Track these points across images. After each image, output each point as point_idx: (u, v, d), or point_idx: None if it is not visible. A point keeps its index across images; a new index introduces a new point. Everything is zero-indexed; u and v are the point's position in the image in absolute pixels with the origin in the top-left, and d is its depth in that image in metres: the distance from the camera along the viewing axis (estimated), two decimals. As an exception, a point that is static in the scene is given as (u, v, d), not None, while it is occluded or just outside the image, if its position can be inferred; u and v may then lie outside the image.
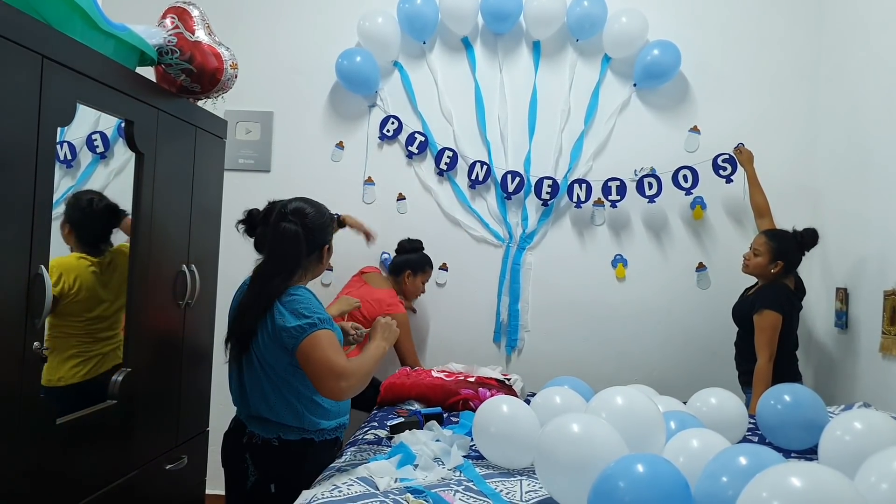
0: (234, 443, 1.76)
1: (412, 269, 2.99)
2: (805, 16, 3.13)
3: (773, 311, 2.49)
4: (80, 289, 1.75)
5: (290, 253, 1.72)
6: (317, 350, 1.61)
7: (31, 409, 1.46)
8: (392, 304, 2.84)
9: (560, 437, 1.44)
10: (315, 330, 1.62)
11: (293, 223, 1.72)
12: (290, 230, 1.71)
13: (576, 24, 3.13)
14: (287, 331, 1.62)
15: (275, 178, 3.27)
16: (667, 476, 1.22)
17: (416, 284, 3.01)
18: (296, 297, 1.66)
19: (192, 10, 2.06)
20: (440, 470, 1.67)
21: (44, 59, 1.44)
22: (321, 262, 1.81)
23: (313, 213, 1.76)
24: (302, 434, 1.71)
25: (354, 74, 3.16)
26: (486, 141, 3.21)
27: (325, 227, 1.79)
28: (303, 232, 1.72)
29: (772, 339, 2.47)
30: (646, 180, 3.09)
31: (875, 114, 2.60)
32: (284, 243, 1.72)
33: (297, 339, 1.62)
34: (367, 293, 2.84)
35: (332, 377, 1.60)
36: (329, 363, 1.60)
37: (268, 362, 1.67)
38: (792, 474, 1.01)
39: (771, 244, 2.59)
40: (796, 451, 1.96)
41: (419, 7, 3.13)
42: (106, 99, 1.71)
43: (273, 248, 1.73)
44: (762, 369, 2.45)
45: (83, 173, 2.00)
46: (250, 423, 1.73)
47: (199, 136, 2.21)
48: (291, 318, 1.63)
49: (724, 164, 3.05)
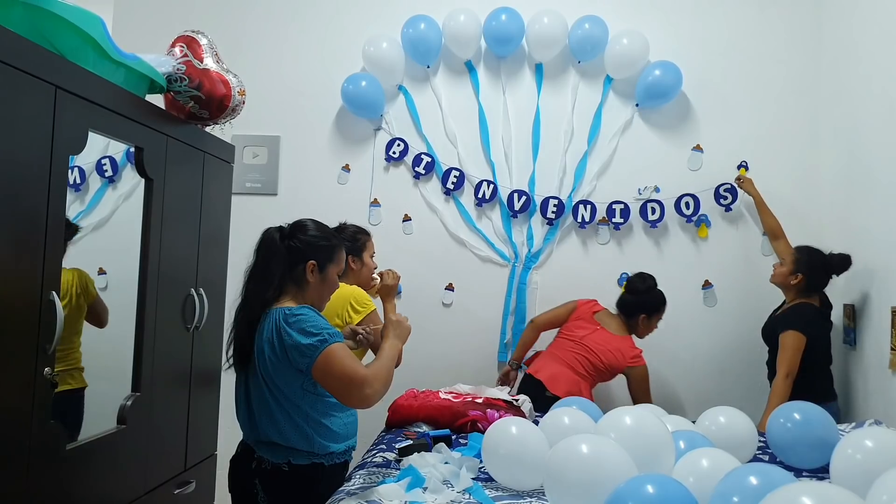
0: (242, 468, 1.75)
1: (647, 312, 2.83)
2: (804, 34, 3.17)
3: (797, 331, 2.51)
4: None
5: (265, 257, 1.76)
6: (335, 364, 1.61)
7: (41, 435, 1.46)
8: (635, 356, 2.76)
9: (569, 457, 1.44)
10: (328, 345, 1.62)
11: (277, 232, 1.78)
12: (271, 235, 1.77)
13: (577, 47, 3.17)
14: (299, 350, 1.62)
15: (282, 201, 3.30)
16: (677, 496, 1.22)
17: (650, 328, 2.86)
18: (301, 317, 1.66)
19: (201, 39, 2.11)
20: (449, 492, 1.66)
21: (57, 89, 1.48)
22: (306, 280, 1.75)
23: (311, 230, 1.79)
24: (312, 458, 1.70)
25: (360, 98, 3.20)
26: (491, 162, 3.24)
27: (317, 246, 1.77)
28: (287, 241, 1.76)
29: (791, 358, 2.49)
30: (649, 206, 3.11)
31: (876, 129, 2.62)
32: (262, 247, 1.78)
33: (312, 358, 1.61)
34: (604, 340, 2.77)
35: (356, 387, 1.61)
36: (350, 374, 1.61)
37: (276, 385, 1.67)
38: (803, 494, 1.01)
39: (796, 256, 2.61)
40: (807, 469, 1.94)
41: (423, 32, 3.18)
42: (116, 126, 1.74)
43: (255, 251, 1.79)
44: (778, 386, 2.47)
45: (93, 198, 2.03)
46: (259, 447, 1.73)
47: (207, 161, 2.24)
48: (301, 337, 1.62)
49: (726, 193, 3.08)
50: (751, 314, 2.97)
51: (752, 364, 2.85)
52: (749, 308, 3.02)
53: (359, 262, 2.57)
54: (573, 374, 2.76)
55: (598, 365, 2.75)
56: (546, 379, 2.74)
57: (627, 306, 2.86)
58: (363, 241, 2.59)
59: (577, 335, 2.83)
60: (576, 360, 2.78)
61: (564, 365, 2.79)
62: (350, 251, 2.49)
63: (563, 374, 2.76)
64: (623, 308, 2.87)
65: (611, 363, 2.75)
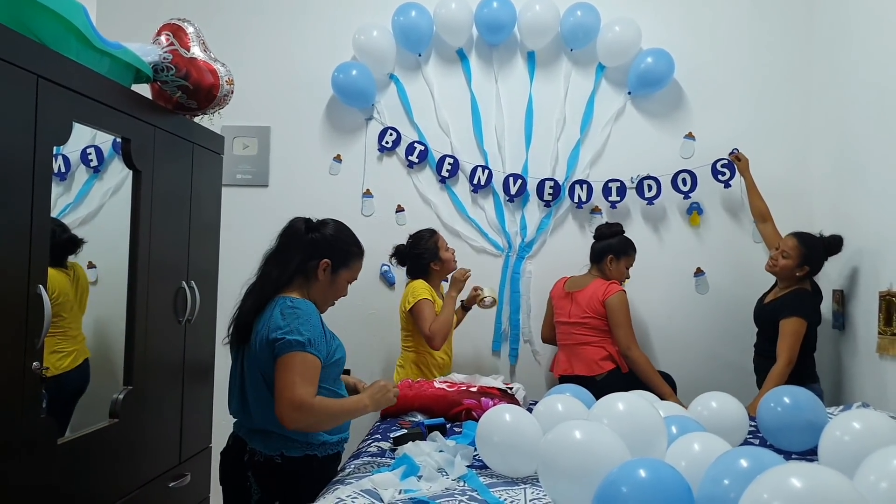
0: (234, 461, 1.75)
1: (614, 253, 2.83)
2: (796, 22, 3.16)
3: (800, 318, 2.52)
4: (59, 294, 1.81)
5: (286, 244, 1.78)
6: (288, 371, 1.60)
7: (32, 429, 1.45)
8: (608, 289, 2.74)
9: (563, 444, 1.44)
10: (298, 350, 1.61)
11: (304, 223, 1.79)
12: (296, 225, 1.79)
13: (569, 34, 3.16)
14: (277, 338, 1.62)
15: (273, 192, 3.28)
16: (669, 480, 1.22)
17: (620, 271, 2.84)
18: (298, 311, 1.66)
19: (187, 27, 2.08)
20: (444, 480, 1.66)
21: (39, 78, 1.46)
22: (317, 277, 1.77)
23: (336, 230, 1.82)
24: (305, 450, 1.70)
25: (350, 88, 3.18)
26: (484, 151, 3.23)
27: (334, 246, 1.78)
28: (308, 234, 1.77)
29: (793, 345, 2.50)
30: (645, 182, 3.11)
31: (866, 117, 2.62)
32: (286, 233, 1.80)
33: (281, 351, 1.61)
34: (580, 299, 2.78)
35: (287, 404, 1.58)
36: (290, 389, 1.58)
37: (267, 373, 1.67)
38: (792, 475, 1.02)
39: (801, 249, 2.59)
40: (797, 452, 1.96)
41: (414, 20, 3.15)
42: (102, 117, 1.72)
43: (278, 236, 1.81)
44: (779, 373, 2.47)
45: (80, 192, 2.01)
46: (251, 438, 1.72)
47: (197, 153, 2.23)
48: (285, 326, 1.63)
49: (723, 168, 3.07)
50: (742, 301, 2.98)
51: (743, 350, 2.86)
52: (740, 295, 3.03)
53: (439, 262, 2.80)
54: (589, 348, 2.77)
55: (592, 322, 2.76)
56: (581, 370, 2.76)
57: (595, 252, 2.88)
58: (433, 244, 2.80)
59: (563, 316, 2.87)
60: (579, 335, 2.80)
61: (571, 348, 2.82)
62: (431, 258, 2.78)
63: (578, 355, 2.78)
64: (593, 256, 2.89)
65: (595, 310, 2.75)
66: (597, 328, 2.77)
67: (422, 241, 2.81)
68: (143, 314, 1.92)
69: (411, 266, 2.84)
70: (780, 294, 2.66)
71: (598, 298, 2.75)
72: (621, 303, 2.74)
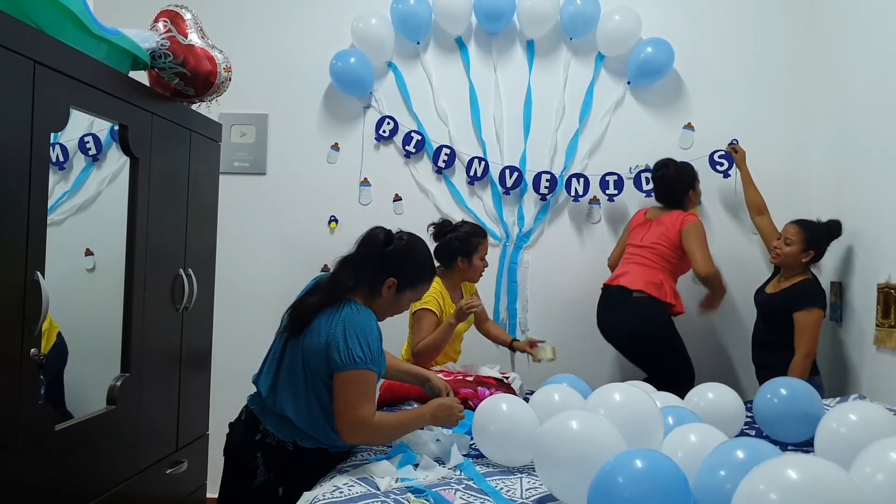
0: (245, 437, 1.73)
1: (685, 188, 2.88)
2: (796, 12, 3.14)
3: (818, 308, 2.53)
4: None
5: (364, 252, 1.78)
6: (349, 389, 1.63)
7: (29, 416, 1.45)
8: (685, 218, 2.81)
9: (559, 434, 1.45)
10: (361, 367, 1.63)
11: (384, 234, 1.78)
12: (377, 234, 1.79)
13: (569, 23, 3.14)
14: (339, 351, 1.63)
15: (270, 180, 3.27)
16: (665, 471, 1.23)
17: (698, 196, 2.93)
18: (359, 322, 1.66)
19: (185, 14, 2.06)
20: (441, 469, 1.67)
21: (36, 64, 1.44)
22: (380, 293, 1.77)
23: (412, 250, 1.81)
24: (317, 443, 1.72)
25: (348, 76, 3.16)
26: (482, 140, 3.22)
27: (408, 269, 1.79)
28: (384, 246, 1.77)
29: (815, 336, 2.51)
30: (643, 175, 3.10)
31: (866, 108, 2.61)
32: (365, 242, 1.80)
33: (344, 366, 1.62)
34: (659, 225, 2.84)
35: (349, 423, 1.64)
36: (353, 408, 1.63)
37: (311, 366, 1.67)
38: (788, 466, 1.02)
39: (804, 234, 2.60)
40: (793, 443, 1.97)
41: (412, 7, 3.13)
42: (99, 103, 1.71)
43: (358, 243, 1.82)
44: (802, 365, 2.48)
45: (77, 179, 2.00)
46: (267, 419, 1.71)
47: (194, 140, 2.21)
48: (351, 342, 1.63)
49: (721, 159, 3.07)
50: (740, 293, 2.99)
51: (740, 342, 2.87)
52: (739, 287, 3.03)
53: (466, 262, 2.64)
54: (646, 269, 2.81)
55: (664, 251, 2.80)
56: (625, 282, 2.80)
57: (665, 196, 2.90)
58: (475, 244, 2.64)
59: (636, 240, 2.89)
60: (643, 256, 2.84)
61: (634, 264, 2.85)
62: (461, 252, 2.61)
63: (636, 271, 2.82)
64: (662, 200, 2.92)
65: (669, 238, 2.79)
66: (662, 255, 2.81)
67: (471, 232, 2.65)
68: (140, 302, 1.92)
69: (443, 245, 2.67)
70: (785, 285, 2.63)
71: (676, 228, 2.80)
72: (697, 229, 2.81)
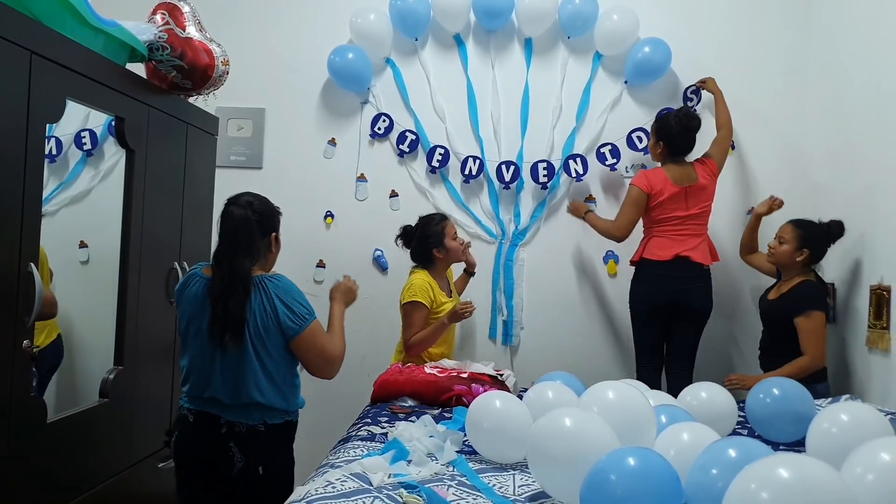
0: (209, 436, 1.73)
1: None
2: (793, 13, 3.15)
3: (818, 311, 2.45)
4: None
5: (241, 234, 1.77)
6: (316, 340, 1.76)
7: (22, 408, 1.45)
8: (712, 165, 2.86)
9: (552, 431, 1.45)
10: (312, 319, 1.75)
11: (241, 208, 1.78)
12: (238, 213, 1.78)
13: (567, 22, 3.14)
14: (289, 318, 1.72)
15: (267, 174, 3.26)
16: (658, 469, 1.23)
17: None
18: (288, 287, 1.76)
19: (183, 6, 2.06)
20: (434, 465, 1.67)
21: (33, 54, 1.44)
22: (270, 250, 1.85)
23: (259, 203, 1.84)
24: (284, 416, 1.80)
25: (346, 71, 3.15)
26: (479, 138, 3.22)
27: (272, 216, 1.85)
28: (252, 216, 1.79)
29: (818, 340, 2.43)
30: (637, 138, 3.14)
31: (863, 109, 2.62)
32: (235, 225, 1.77)
33: (300, 328, 1.73)
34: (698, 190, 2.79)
35: (328, 364, 1.80)
36: (326, 352, 1.78)
37: (266, 348, 1.73)
38: (780, 466, 1.03)
39: (797, 232, 2.53)
40: (785, 443, 1.98)
41: (412, 4, 3.12)
42: (96, 95, 1.70)
43: (226, 232, 1.78)
44: (800, 366, 2.40)
45: (70, 173, 1.99)
46: (228, 412, 1.72)
47: (191, 133, 2.21)
48: (295, 305, 1.73)
49: (692, 95, 3.16)
50: (734, 293, 2.99)
51: (733, 341, 2.88)
52: (732, 287, 3.05)
53: (442, 250, 2.71)
54: (704, 240, 2.80)
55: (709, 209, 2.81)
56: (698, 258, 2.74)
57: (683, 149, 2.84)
58: (440, 230, 2.72)
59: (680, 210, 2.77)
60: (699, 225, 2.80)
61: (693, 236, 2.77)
62: (433, 244, 2.70)
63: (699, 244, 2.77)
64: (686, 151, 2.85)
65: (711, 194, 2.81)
66: (707, 214, 2.82)
67: (430, 224, 2.74)
68: (134, 294, 1.91)
69: (415, 249, 2.76)
70: (784, 289, 2.57)
71: (714, 179, 2.81)
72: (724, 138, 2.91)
